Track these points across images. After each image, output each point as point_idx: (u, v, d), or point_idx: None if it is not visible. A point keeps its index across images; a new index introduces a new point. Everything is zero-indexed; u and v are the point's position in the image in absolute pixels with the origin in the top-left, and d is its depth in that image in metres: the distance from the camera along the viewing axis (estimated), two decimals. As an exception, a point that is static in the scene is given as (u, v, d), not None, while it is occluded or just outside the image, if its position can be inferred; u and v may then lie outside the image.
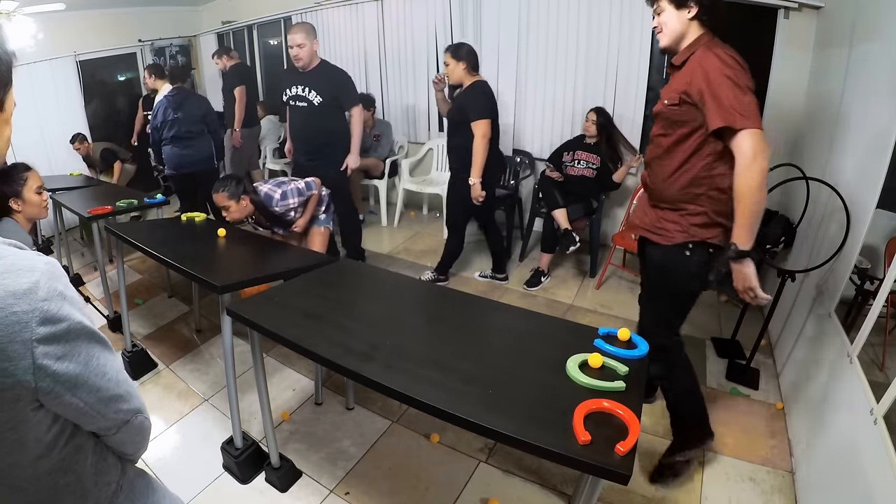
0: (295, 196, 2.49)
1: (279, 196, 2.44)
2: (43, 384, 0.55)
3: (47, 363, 0.55)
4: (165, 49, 5.54)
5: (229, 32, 5.57)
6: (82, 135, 4.49)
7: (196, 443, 1.99)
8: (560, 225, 3.04)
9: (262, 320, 1.41)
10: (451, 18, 3.87)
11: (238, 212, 2.32)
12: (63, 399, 0.58)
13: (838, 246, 1.89)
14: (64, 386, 0.58)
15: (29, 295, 0.54)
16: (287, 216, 2.55)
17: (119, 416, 0.67)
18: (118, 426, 0.68)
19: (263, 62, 5.56)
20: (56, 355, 0.56)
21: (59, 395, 0.58)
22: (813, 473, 1.70)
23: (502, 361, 1.26)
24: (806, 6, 2.75)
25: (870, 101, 1.93)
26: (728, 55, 1.45)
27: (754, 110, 1.37)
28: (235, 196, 2.30)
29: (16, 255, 0.56)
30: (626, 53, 3.29)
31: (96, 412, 0.63)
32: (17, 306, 0.53)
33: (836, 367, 1.69)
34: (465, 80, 2.77)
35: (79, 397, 0.60)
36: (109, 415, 0.65)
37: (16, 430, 0.56)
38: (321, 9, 4.58)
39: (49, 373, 0.55)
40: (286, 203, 2.47)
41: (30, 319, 0.53)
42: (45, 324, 0.55)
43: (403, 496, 1.77)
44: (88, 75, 4.90)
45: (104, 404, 0.64)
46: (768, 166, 1.36)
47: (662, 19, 1.55)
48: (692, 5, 1.49)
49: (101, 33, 4.91)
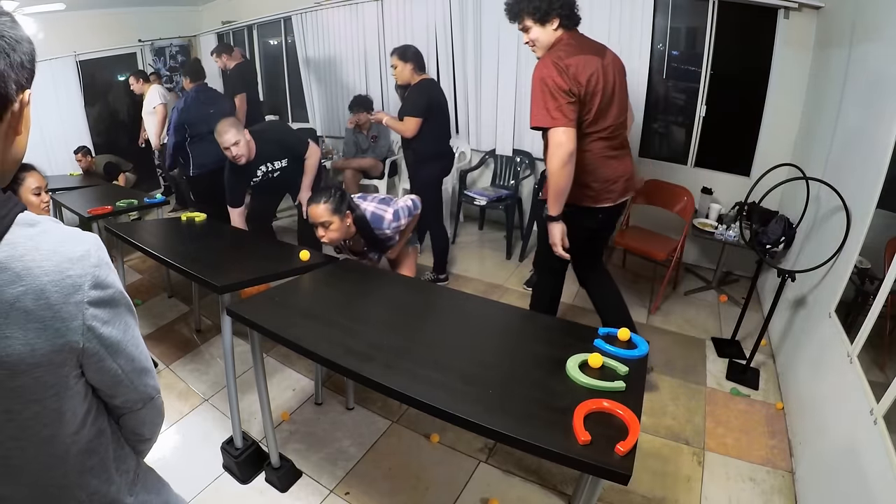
0: (405, 216, 2.08)
1: (391, 216, 2.02)
2: (90, 345, 0.59)
3: (95, 325, 0.59)
4: (165, 49, 5.53)
5: (229, 32, 5.57)
6: (86, 147, 4.45)
7: (196, 443, 1.99)
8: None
9: (262, 320, 1.41)
10: (451, 18, 3.86)
11: (339, 231, 1.92)
12: (104, 364, 0.63)
13: (838, 246, 1.89)
14: (107, 349, 0.62)
15: (83, 260, 0.58)
16: (392, 241, 2.14)
17: (147, 391, 0.71)
18: (144, 401, 0.72)
19: (263, 62, 5.56)
20: (103, 319, 0.60)
21: (102, 358, 0.62)
22: (813, 473, 1.70)
23: (502, 361, 1.27)
24: (806, 6, 2.75)
25: (869, 102, 1.93)
26: (552, 62, 1.70)
27: (558, 110, 1.68)
28: (340, 212, 1.89)
29: (64, 228, 0.60)
30: (626, 53, 3.27)
31: (130, 381, 0.67)
32: (71, 270, 0.57)
33: (836, 367, 1.69)
34: (412, 79, 2.89)
35: (118, 363, 0.64)
36: (140, 387, 0.70)
37: (58, 397, 0.59)
38: (321, 9, 4.58)
39: (96, 334, 0.60)
40: (397, 224, 2.05)
41: (83, 283, 0.57)
42: (96, 288, 0.59)
43: (403, 496, 1.77)
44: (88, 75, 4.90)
45: (137, 374, 0.68)
46: (566, 156, 1.69)
47: (532, 36, 1.81)
48: (554, 19, 1.75)
49: (101, 33, 4.91)
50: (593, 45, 1.84)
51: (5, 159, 0.59)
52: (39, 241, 0.56)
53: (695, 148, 3.35)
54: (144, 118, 4.42)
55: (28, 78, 0.58)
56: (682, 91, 3.41)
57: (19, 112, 0.58)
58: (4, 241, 0.54)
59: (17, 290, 0.53)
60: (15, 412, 0.57)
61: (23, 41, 0.56)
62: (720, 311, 2.98)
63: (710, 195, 3.12)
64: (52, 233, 0.58)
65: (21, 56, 0.55)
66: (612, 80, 1.83)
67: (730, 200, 3.11)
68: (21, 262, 0.53)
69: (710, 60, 3.12)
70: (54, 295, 0.55)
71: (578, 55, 1.73)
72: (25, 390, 0.56)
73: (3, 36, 0.53)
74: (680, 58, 3.36)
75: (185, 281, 2.98)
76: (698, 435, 2.01)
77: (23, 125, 0.60)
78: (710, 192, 3.12)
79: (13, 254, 0.53)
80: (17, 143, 0.60)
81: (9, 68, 0.54)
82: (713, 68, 3.14)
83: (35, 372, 0.56)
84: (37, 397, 0.58)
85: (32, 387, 0.57)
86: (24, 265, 0.53)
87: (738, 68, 3.16)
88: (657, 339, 2.64)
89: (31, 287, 0.53)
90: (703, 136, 3.30)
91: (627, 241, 3.10)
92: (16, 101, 0.56)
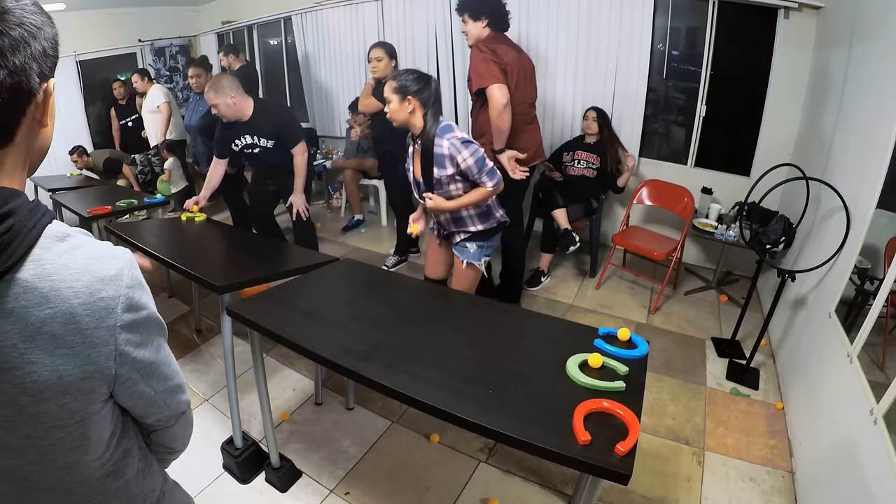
0: (475, 158, 1.79)
1: (462, 140, 1.79)
2: (122, 371, 0.56)
3: (128, 350, 0.56)
4: (165, 49, 5.54)
5: (229, 32, 5.57)
6: (81, 147, 4.44)
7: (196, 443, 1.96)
8: (560, 225, 3.04)
9: (262, 320, 1.41)
10: (451, 18, 3.86)
11: (396, 112, 1.81)
12: (137, 388, 0.59)
13: (838, 246, 1.89)
14: (140, 373, 0.59)
15: (116, 281, 0.54)
16: (443, 172, 1.84)
17: (180, 407, 0.69)
18: (177, 417, 0.69)
19: (263, 62, 5.56)
20: (136, 343, 0.57)
21: (135, 383, 0.59)
22: (813, 473, 1.70)
23: (502, 361, 1.26)
24: (806, 6, 2.75)
25: (869, 101, 1.93)
26: (483, 45, 2.36)
27: (492, 74, 2.28)
28: (401, 93, 1.77)
29: (95, 242, 0.55)
30: (626, 53, 3.28)
31: (163, 401, 0.64)
32: (104, 292, 0.52)
33: (836, 367, 1.69)
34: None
35: (151, 386, 0.61)
36: (173, 405, 0.67)
37: (84, 424, 0.56)
38: (321, 9, 4.58)
39: (129, 360, 0.56)
40: (461, 144, 1.77)
41: (115, 306, 0.53)
42: (129, 311, 0.55)
43: (403, 496, 1.77)
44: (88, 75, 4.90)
45: (170, 394, 0.65)
46: (502, 105, 2.26)
47: (466, 29, 2.46)
48: (484, 19, 2.42)
49: (101, 33, 4.91)
50: (512, 44, 2.53)
51: (31, 150, 0.55)
52: (69, 259, 0.51)
53: (695, 148, 3.35)
54: (145, 116, 4.42)
55: (52, 67, 0.52)
56: (682, 91, 3.41)
57: (44, 103, 0.53)
58: (31, 257, 0.49)
59: (44, 313, 0.48)
60: (36, 437, 0.53)
61: (45, 26, 0.51)
62: (720, 311, 2.98)
63: (710, 195, 3.12)
64: (83, 248, 0.53)
65: (43, 43, 0.50)
66: (525, 70, 2.51)
67: (730, 200, 3.11)
68: (49, 281, 0.49)
69: (710, 60, 3.12)
70: (85, 319, 0.51)
71: (500, 45, 2.39)
72: (48, 416, 0.52)
73: (22, 24, 0.48)
74: (680, 58, 3.36)
75: (185, 281, 2.98)
76: (698, 435, 2.01)
77: (48, 116, 0.55)
78: (710, 192, 3.12)
79: (40, 272, 0.49)
80: (43, 135, 0.56)
81: (30, 59, 0.48)
82: (713, 68, 3.14)
83: (61, 399, 0.52)
84: (61, 424, 0.53)
85: (57, 413, 0.52)
86: (52, 285, 0.49)
87: (738, 68, 3.16)
88: (657, 339, 2.64)
89: (60, 310, 0.49)
90: (703, 136, 3.30)
91: (627, 241, 3.10)
92: (39, 92, 0.51)
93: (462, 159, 1.80)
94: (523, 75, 2.47)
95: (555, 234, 3.14)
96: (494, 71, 2.28)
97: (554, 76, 3.60)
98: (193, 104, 3.62)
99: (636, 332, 1.28)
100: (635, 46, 3.24)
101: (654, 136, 3.59)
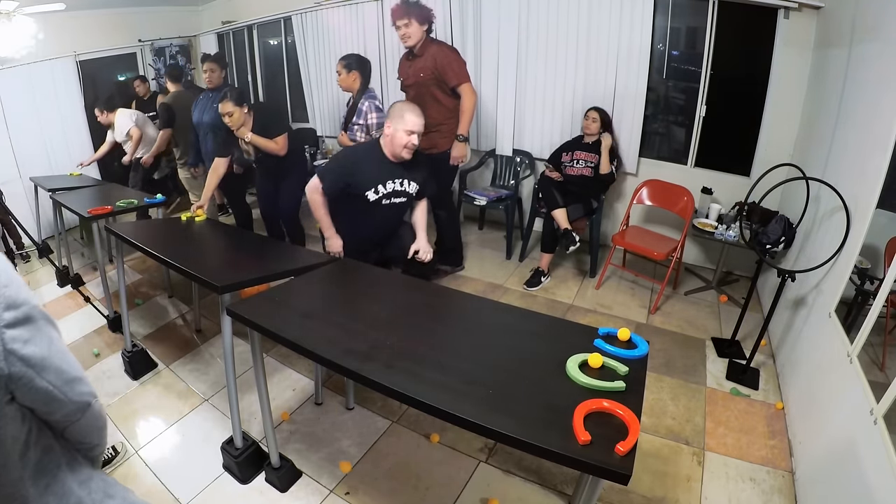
0: (373, 111, 2.88)
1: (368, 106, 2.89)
2: (15, 369, 0.56)
3: (16, 347, 0.56)
4: (165, 49, 5.53)
5: (229, 32, 5.57)
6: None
7: (196, 443, 1.99)
8: (560, 225, 3.04)
9: (262, 320, 1.41)
10: (451, 18, 3.86)
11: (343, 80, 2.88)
12: (34, 383, 0.59)
13: (838, 246, 1.89)
14: (34, 369, 0.58)
15: None
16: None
17: (82, 399, 0.68)
18: (82, 410, 0.69)
19: (263, 62, 5.56)
20: (23, 339, 0.57)
21: (30, 379, 0.58)
22: (813, 473, 1.70)
23: (502, 361, 1.26)
24: (806, 6, 2.75)
25: (869, 101, 1.93)
26: (448, 48, 2.98)
27: (467, 72, 2.90)
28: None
29: None
30: (626, 53, 3.28)
31: (63, 395, 0.64)
32: None
33: (836, 367, 1.69)
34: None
35: (47, 380, 0.61)
36: (74, 397, 0.66)
37: None
38: (321, 9, 4.58)
39: (19, 356, 0.56)
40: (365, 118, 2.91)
41: None
42: (9, 309, 0.55)
43: (403, 496, 1.77)
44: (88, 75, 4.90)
45: (69, 386, 0.65)
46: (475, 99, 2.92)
47: (409, 31, 2.83)
48: (426, 26, 2.87)
49: (101, 33, 4.91)
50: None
51: None
52: None
53: (695, 148, 3.35)
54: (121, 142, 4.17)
55: None
56: (682, 91, 3.41)
57: None
58: None
59: None
60: None
61: None
62: (720, 311, 2.98)
63: (710, 195, 3.12)
64: None
65: None
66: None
67: (730, 200, 3.11)
68: None
69: (710, 60, 3.12)
70: None
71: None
72: None
73: None
74: (680, 58, 3.36)
75: (185, 281, 2.98)
76: (698, 435, 2.01)
77: None
78: (710, 192, 3.12)
79: None
80: None
81: None
82: (713, 68, 3.14)
83: None
84: None
85: None
86: None
87: (738, 68, 3.16)
88: (657, 339, 2.64)
89: None
90: (703, 136, 3.30)
91: (627, 240, 3.11)
92: None
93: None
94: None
95: (555, 235, 3.14)
96: (466, 69, 2.88)
97: (554, 76, 3.59)
98: (205, 101, 3.54)
99: (636, 332, 1.28)
100: (635, 46, 3.24)
101: (654, 135, 3.59)
